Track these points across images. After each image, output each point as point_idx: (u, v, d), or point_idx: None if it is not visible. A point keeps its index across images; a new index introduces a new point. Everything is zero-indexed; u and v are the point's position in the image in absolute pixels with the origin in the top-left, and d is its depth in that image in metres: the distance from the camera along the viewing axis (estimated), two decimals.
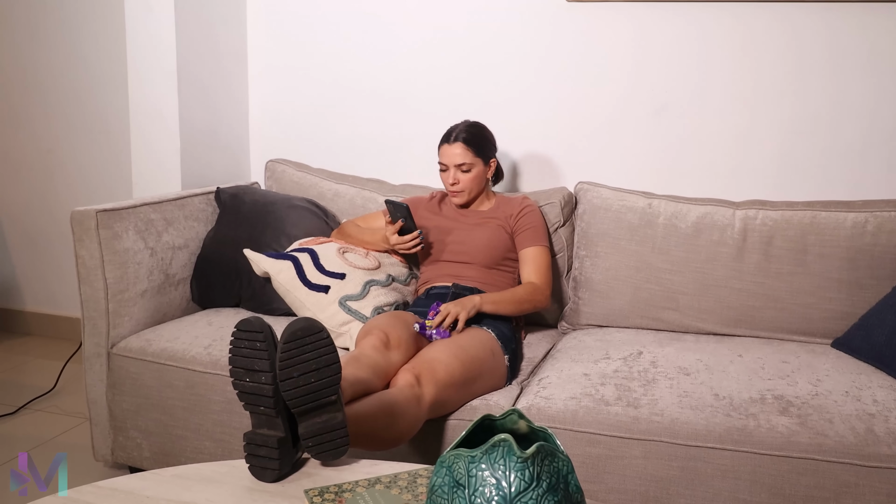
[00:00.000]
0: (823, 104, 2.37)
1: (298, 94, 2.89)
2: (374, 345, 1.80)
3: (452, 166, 2.24)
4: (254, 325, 1.38)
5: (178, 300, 2.36)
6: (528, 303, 2.16)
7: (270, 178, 2.78)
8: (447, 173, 2.26)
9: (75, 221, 2.13)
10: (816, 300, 2.16)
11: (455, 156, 2.23)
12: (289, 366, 1.34)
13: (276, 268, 2.19)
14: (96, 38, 3.10)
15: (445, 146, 2.25)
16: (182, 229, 2.37)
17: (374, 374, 1.71)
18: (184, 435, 2.09)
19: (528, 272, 2.22)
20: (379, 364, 1.75)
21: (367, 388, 1.66)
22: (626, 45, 2.51)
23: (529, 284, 2.20)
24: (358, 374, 1.65)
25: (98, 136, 3.18)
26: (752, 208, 2.26)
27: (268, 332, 1.38)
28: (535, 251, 2.24)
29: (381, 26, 2.75)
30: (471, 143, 2.23)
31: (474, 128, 2.28)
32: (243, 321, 1.39)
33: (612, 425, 1.74)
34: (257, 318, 1.40)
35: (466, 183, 2.25)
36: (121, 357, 2.14)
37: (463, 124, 2.28)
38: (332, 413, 1.38)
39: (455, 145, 2.23)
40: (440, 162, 2.27)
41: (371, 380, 1.68)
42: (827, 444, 1.64)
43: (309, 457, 1.42)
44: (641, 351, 2.05)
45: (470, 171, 2.25)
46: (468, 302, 2.04)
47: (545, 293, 2.21)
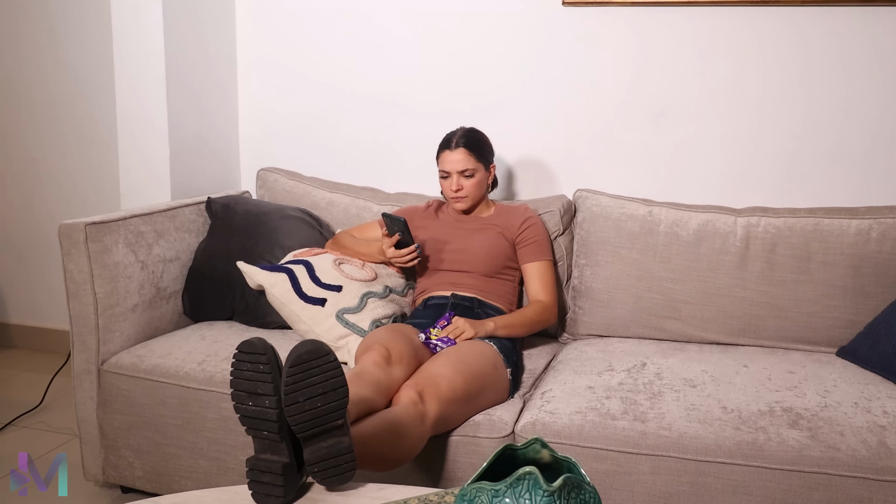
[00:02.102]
0: (826, 109, 2.34)
1: (290, 99, 2.83)
2: (375, 361, 1.76)
3: (455, 172, 2.20)
4: (256, 347, 1.33)
5: (169, 314, 2.30)
6: (538, 324, 2.15)
7: (262, 187, 2.72)
8: (449, 180, 2.22)
9: (63, 235, 2.07)
10: (821, 308, 2.14)
11: (457, 161, 2.19)
12: (295, 390, 1.30)
13: (270, 280, 2.13)
14: (82, 43, 3.03)
15: (447, 153, 2.21)
16: (173, 241, 2.32)
17: (376, 391, 1.66)
18: (177, 454, 2.03)
19: (535, 289, 2.19)
20: (381, 381, 1.70)
21: (370, 406, 1.61)
22: (626, 49, 2.47)
23: (538, 304, 2.17)
24: (361, 393, 1.60)
25: (85, 145, 3.11)
26: (754, 215, 2.24)
27: (271, 353, 1.33)
28: (541, 266, 2.21)
29: (375, 30, 2.71)
30: (472, 147, 2.20)
31: (473, 133, 2.25)
32: (245, 343, 1.35)
33: (620, 440, 1.71)
34: (260, 340, 1.35)
35: (469, 189, 2.22)
36: (111, 374, 2.08)
37: (461, 130, 2.25)
38: (339, 437, 1.33)
39: (457, 151, 2.19)
40: (441, 170, 2.23)
41: (374, 398, 1.64)
42: (839, 458, 1.61)
43: (314, 482, 1.37)
44: (645, 362, 2.02)
45: (473, 177, 2.21)
46: (481, 327, 2.01)
47: (553, 312, 2.19)
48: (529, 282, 2.21)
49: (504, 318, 2.09)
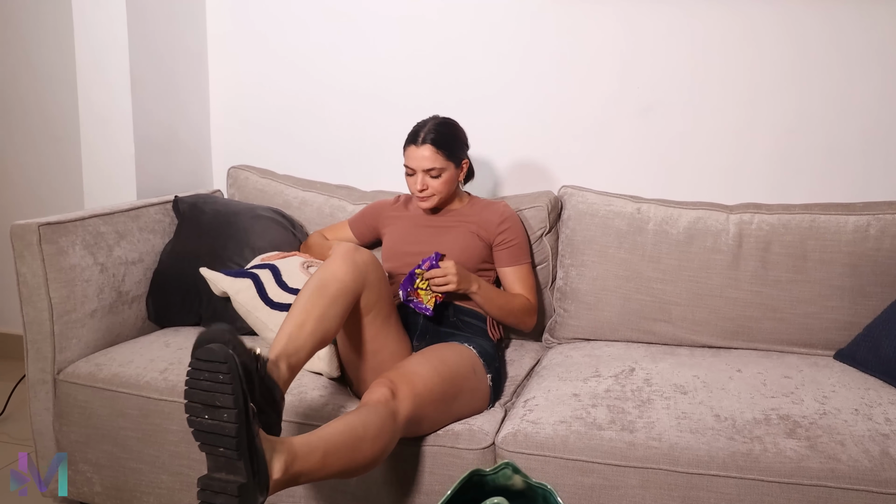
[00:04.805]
0: (822, 101, 2.26)
1: (262, 94, 2.72)
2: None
3: (420, 171, 2.04)
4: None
5: (132, 319, 2.18)
6: (515, 318, 2.06)
7: (233, 186, 2.61)
8: (414, 178, 2.05)
9: (15, 236, 1.95)
10: (817, 309, 2.04)
11: (423, 160, 2.02)
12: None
13: (235, 287, 2.01)
14: (43, 36, 2.90)
15: (412, 148, 2.03)
16: (136, 242, 2.20)
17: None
18: (138, 468, 1.92)
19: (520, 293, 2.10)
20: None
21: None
22: (614, 41, 2.38)
23: (526, 301, 2.08)
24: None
25: (45, 142, 2.98)
26: (747, 212, 2.14)
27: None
28: (521, 270, 2.11)
29: (350, 22, 2.60)
30: (441, 144, 2.03)
31: (444, 127, 2.06)
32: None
33: (607, 452, 1.60)
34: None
35: (436, 188, 2.06)
36: (68, 384, 1.97)
37: (431, 122, 2.06)
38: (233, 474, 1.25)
39: (423, 148, 2.02)
40: (406, 165, 2.06)
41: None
42: (840, 470, 1.51)
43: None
44: (634, 367, 1.92)
45: (440, 177, 2.05)
46: (466, 281, 1.93)
47: (534, 318, 2.12)
48: (511, 287, 2.10)
49: (491, 289, 2.01)
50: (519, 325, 2.09)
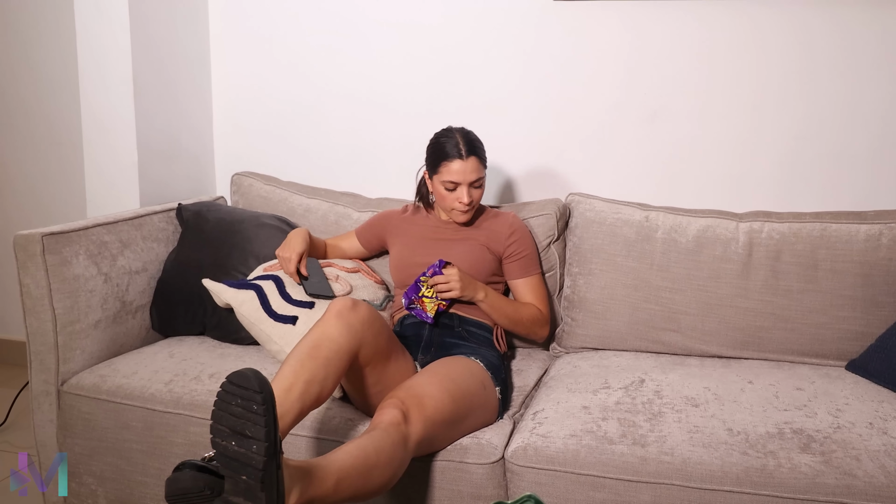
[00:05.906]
0: (831, 107, 2.23)
1: (265, 100, 2.69)
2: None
3: (466, 184, 1.99)
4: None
5: (136, 329, 2.16)
6: (525, 328, 2.04)
7: (237, 193, 2.58)
8: (457, 192, 1.99)
9: (18, 247, 1.93)
10: (829, 319, 2.02)
11: (471, 172, 1.97)
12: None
13: (238, 298, 1.99)
14: (45, 42, 2.88)
15: (458, 162, 1.96)
16: (140, 251, 2.18)
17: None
18: (143, 481, 1.90)
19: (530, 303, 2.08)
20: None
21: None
22: (619, 46, 2.35)
23: (537, 311, 2.06)
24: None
25: (48, 150, 2.96)
26: (756, 220, 2.12)
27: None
28: (533, 281, 2.09)
29: (353, 27, 2.57)
30: (481, 153, 2.01)
31: (472, 135, 2.03)
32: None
33: (618, 467, 1.58)
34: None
35: (477, 198, 2.03)
36: (72, 395, 1.95)
37: (460, 135, 2.00)
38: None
39: (470, 160, 1.96)
40: (448, 181, 1.98)
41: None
42: (856, 486, 1.48)
43: None
44: (643, 378, 1.89)
45: (481, 186, 2.03)
46: (471, 288, 1.93)
47: (547, 328, 2.08)
48: (522, 299, 2.08)
49: (499, 298, 1.99)
50: (530, 336, 2.07)
